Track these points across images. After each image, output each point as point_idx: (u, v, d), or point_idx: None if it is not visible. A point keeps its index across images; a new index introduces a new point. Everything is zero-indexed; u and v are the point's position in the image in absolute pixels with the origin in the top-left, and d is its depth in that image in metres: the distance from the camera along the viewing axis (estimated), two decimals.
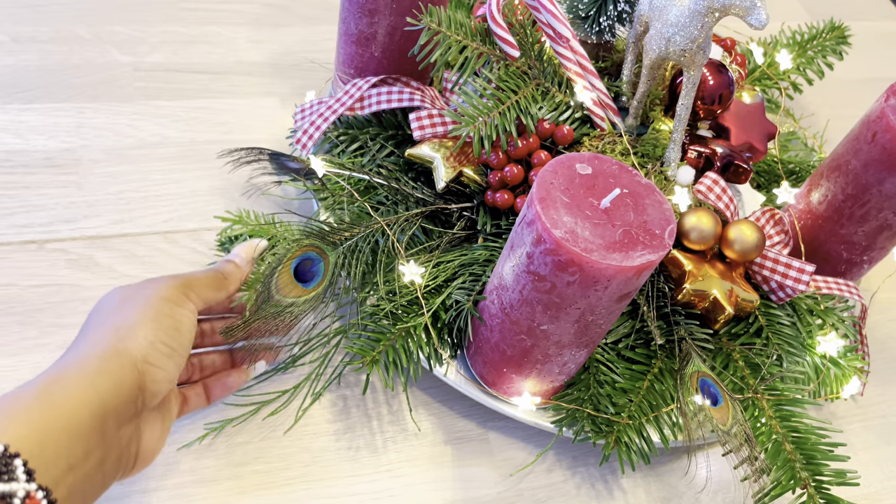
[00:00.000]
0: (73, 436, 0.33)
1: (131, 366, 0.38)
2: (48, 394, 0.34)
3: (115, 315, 0.40)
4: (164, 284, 0.42)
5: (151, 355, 0.39)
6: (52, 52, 0.71)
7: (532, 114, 0.55)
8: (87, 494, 0.35)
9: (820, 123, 0.81)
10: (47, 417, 0.33)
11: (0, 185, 0.60)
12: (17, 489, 0.29)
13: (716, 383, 0.51)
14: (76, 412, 0.34)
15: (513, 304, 0.46)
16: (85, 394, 0.35)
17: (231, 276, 0.47)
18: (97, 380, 0.36)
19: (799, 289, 0.54)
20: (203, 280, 0.45)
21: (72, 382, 0.35)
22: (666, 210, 0.43)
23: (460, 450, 0.54)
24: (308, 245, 0.50)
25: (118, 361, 0.37)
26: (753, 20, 0.45)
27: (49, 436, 0.32)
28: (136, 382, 0.38)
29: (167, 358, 0.40)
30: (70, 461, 0.33)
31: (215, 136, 0.68)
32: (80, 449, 0.34)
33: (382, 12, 0.57)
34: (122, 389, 0.37)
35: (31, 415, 0.32)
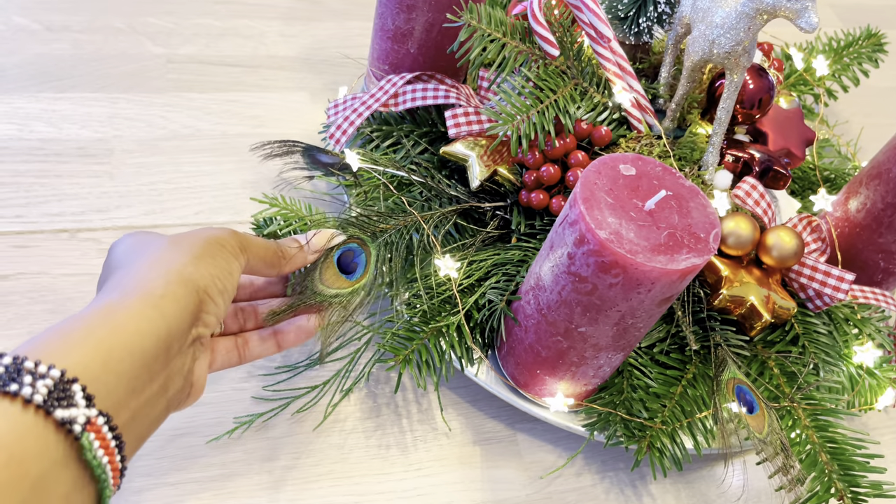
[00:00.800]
0: (138, 359, 0.32)
1: (194, 292, 0.36)
2: (112, 316, 0.32)
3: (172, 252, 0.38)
4: (223, 232, 0.41)
5: (210, 287, 0.38)
6: (86, 41, 0.71)
7: (570, 113, 0.54)
8: (150, 419, 0.34)
9: (853, 131, 0.80)
10: (111, 340, 0.31)
11: (33, 173, 0.60)
12: (77, 415, 0.28)
13: (752, 391, 0.50)
14: (142, 335, 0.33)
15: (550, 304, 0.45)
16: (151, 317, 0.34)
17: (291, 259, 0.45)
18: (162, 303, 0.34)
19: (837, 297, 0.53)
20: (260, 247, 0.43)
21: (137, 306, 0.33)
22: (710, 213, 0.43)
23: (489, 451, 0.54)
24: (349, 237, 0.50)
25: (184, 287, 0.36)
26: (803, 23, 0.44)
27: (112, 359, 0.31)
28: (196, 309, 0.36)
29: (221, 294, 0.38)
30: (133, 385, 0.32)
31: (247, 130, 0.68)
32: (145, 373, 0.33)
33: (420, 8, 0.57)
34: (185, 314, 0.36)
35: (94, 338, 0.31)
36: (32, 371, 0.28)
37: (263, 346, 0.46)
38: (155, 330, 0.33)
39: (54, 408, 0.28)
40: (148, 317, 0.33)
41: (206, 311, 0.37)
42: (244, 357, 0.45)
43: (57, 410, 0.28)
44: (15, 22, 0.71)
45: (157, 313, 0.34)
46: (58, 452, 0.28)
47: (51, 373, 0.28)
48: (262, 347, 0.46)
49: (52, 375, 0.28)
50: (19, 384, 0.27)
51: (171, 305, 0.35)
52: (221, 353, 0.44)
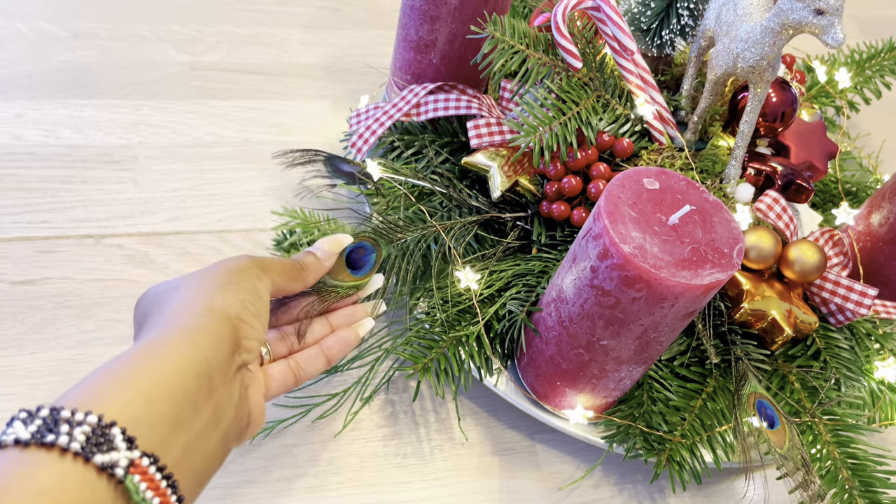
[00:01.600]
0: (179, 395, 0.32)
1: (226, 320, 0.36)
2: (148, 357, 0.33)
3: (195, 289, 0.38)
4: (241, 259, 0.41)
5: (244, 314, 0.38)
6: (112, 48, 0.72)
7: (592, 125, 0.55)
8: (206, 454, 0.34)
9: (875, 144, 0.80)
10: (149, 380, 0.31)
11: (59, 178, 0.61)
12: (118, 458, 0.28)
13: (773, 405, 0.50)
14: (180, 370, 0.33)
15: (572, 317, 0.46)
16: (186, 352, 0.34)
17: (310, 268, 0.45)
18: (196, 336, 0.34)
19: (860, 312, 0.53)
20: (280, 266, 0.43)
21: (172, 343, 0.34)
22: (734, 228, 0.43)
23: (507, 461, 0.54)
24: (363, 234, 0.50)
25: (215, 317, 0.36)
26: (829, 39, 0.44)
27: (151, 399, 0.31)
28: (233, 336, 0.36)
29: (255, 317, 0.38)
30: (178, 421, 0.32)
31: (269, 137, 0.68)
32: (189, 407, 0.32)
33: (444, 19, 0.57)
34: (223, 343, 0.36)
35: (131, 380, 0.31)
36: (69, 420, 0.28)
37: (315, 364, 0.46)
38: (193, 364, 0.33)
39: (93, 453, 0.28)
40: (183, 352, 0.33)
41: (243, 336, 0.37)
42: (300, 378, 0.45)
43: (96, 456, 0.28)
44: (42, 29, 0.72)
45: (193, 347, 0.34)
46: (105, 498, 0.28)
47: (87, 419, 0.28)
48: (314, 365, 0.46)
49: (89, 422, 0.28)
50: (56, 434, 0.27)
51: (205, 337, 0.35)
52: (276, 378, 0.44)
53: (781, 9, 0.46)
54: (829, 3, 0.44)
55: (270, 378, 0.44)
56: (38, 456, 0.27)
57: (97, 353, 0.53)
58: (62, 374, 0.51)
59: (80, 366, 0.52)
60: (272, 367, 0.44)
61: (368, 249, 0.50)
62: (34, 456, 0.27)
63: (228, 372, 0.36)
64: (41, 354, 0.52)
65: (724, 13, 0.52)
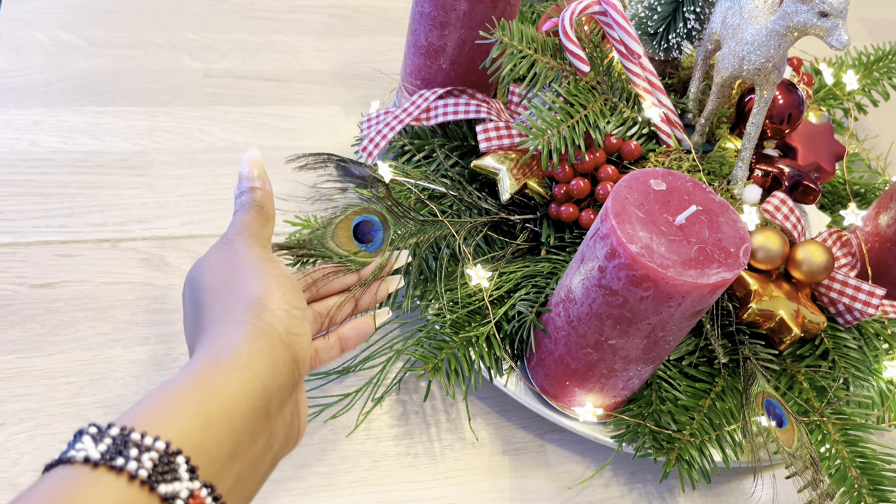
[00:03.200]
0: (237, 423, 0.32)
1: (279, 341, 0.36)
2: (206, 384, 0.32)
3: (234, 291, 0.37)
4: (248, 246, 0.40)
5: (293, 325, 0.37)
6: (127, 56, 0.73)
7: (600, 128, 0.55)
8: (256, 480, 0.34)
9: (883, 145, 0.80)
10: (208, 408, 0.31)
11: (77, 184, 0.63)
12: (179, 489, 0.28)
13: (781, 405, 0.50)
14: (237, 398, 0.32)
15: (581, 317, 0.46)
16: (244, 379, 0.33)
17: (266, 202, 0.43)
18: (252, 362, 0.34)
19: (868, 312, 0.53)
20: (255, 221, 0.42)
21: (228, 369, 0.33)
22: (740, 228, 0.43)
23: (518, 460, 0.54)
24: (372, 209, 0.50)
25: (267, 340, 0.35)
26: (834, 41, 0.45)
27: (211, 425, 0.31)
28: (289, 357, 0.36)
29: (303, 321, 0.38)
30: (235, 450, 0.31)
31: (281, 142, 0.69)
32: (246, 436, 0.32)
33: (453, 25, 0.58)
34: (279, 367, 0.35)
35: (191, 407, 0.31)
36: (139, 443, 0.28)
37: (330, 353, 0.46)
38: (250, 391, 0.33)
39: (158, 482, 0.28)
40: (241, 378, 0.33)
41: (299, 349, 0.37)
42: (315, 366, 0.46)
43: (161, 486, 0.28)
44: (59, 37, 0.73)
45: (250, 373, 0.33)
46: None
47: (156, 445, 0.28)
48: (329, 354, 0.46)
49: (157, 448, 0.28)
50: (125, 458, 0.27)
51: (261, 364, 0.34)
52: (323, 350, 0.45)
53: (786, 11, 0.46)
54: (833, 5, 0.44)
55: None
56: (106, 479, 0.27)
57: (114, 355, 0.54)
58: (80, 374, 0.53)
59: (98, 366, 0.53)
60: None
61: (376, 225, 0.50)
62: (103, 478, 0.27)
63: (287, 395, 0.36)
64: (60, 356, 0.53)
65: (730, 16, 0.53)
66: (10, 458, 0.48)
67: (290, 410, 0.37)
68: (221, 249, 0.40)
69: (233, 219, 0.42)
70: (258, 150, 0.45)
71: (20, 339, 0.53)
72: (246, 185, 0.43)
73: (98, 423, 0.29)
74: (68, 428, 0.50)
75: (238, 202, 0.43)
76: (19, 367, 0.52)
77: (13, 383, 0.51)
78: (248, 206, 0.42)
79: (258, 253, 0.39)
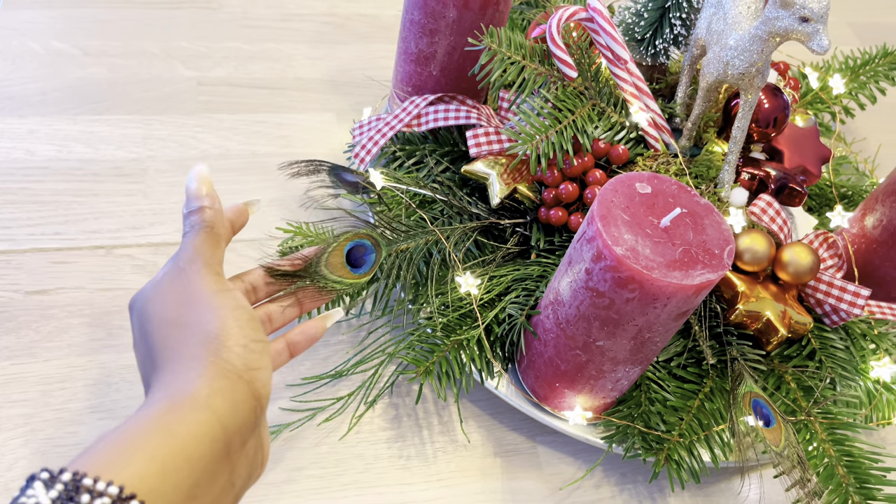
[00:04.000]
0: (196, 465, 0.32)
1: (239, 379, 0.35)
2: (164, 426, 0.32)
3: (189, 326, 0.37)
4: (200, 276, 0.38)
5: (252, 360, 0.36)
6: (122, 65, 0.74)
7: (588, 133, 0.56)
8: None
9: (871, 148, 0.81)
10: (165, 451, 0.31)
11: (72, 192, 0.63)
12: None
13: (768, 404, 0.51)
14: (196, 440, 0.32)
15: (569, 319, 0.47)
16: (204, 421, 0.33)
17: (216, 222, 0.41)
18: (212, 403, 0.34)
19: (854, 312, 0.54)
20: (207, 246, 0.40)
21: (187, 411, 0.33)
22: (724, 230, 0.44)
23: (509, 462, 0.55)
24: (364, 234, 0.51)
25: (227, 379, 0.35)
26: (815, 45, 0.46)
27: (168, 469, 0.30)
28: (250, 394, 0.36)
29: (262, 354, 0.37)
30: (194, 492, 0.31)
31: (274, 149, 0.70)
32: (205, 476, 0.32)
33: (443, 32, 0.59)
34: (239, 406, 0.35)
35: (148, 451, 0.31)
36: (91, 489, 0.28)
37: (280, 359, 0.46)
38: (209, 432, 0.33)
39: None
40: (200, 420, 0.33)
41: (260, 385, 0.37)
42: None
43: None
44: (54, 47, 0.74)
45: (210, 414, 0.33)
46: None
47: (109, 490, 0.28)
48: (278, 360, 0.46)
49: (110, 493, 0.28)
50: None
51: (221, 404, 0.34)
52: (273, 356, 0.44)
53: (768, 17, 0.47)
54: (814, 10, 0.45)
55: None
56: None
57: (109, 360, 0.54)
58: (74, 380, 0.53)
59: (92, 372, 0.54)
60: None
61: (368, 248, 0.51)
62: None
63: (249, 432, 0.36)
64: (54, 361, 0.54)
65: (715, 22, 0.54)
66: (5, 462, 0.49)
67: (253, 445, 0.37)
68: (173, 280, 0.39)
69: (182, 242, 0.40)
70: (206, 165, 0.43)
71: (15, 346, 0.54)
72: (194, 203, 0.41)
73: (50, 469, 0.28)
74: (63, 433, 0.51)
75: (187, 223, 0.41)
76: (14, 372, 0.53)
77: (8, 389, 0.52)
78: (199, 229, 0.40)
79: (212, 283, 0.38)
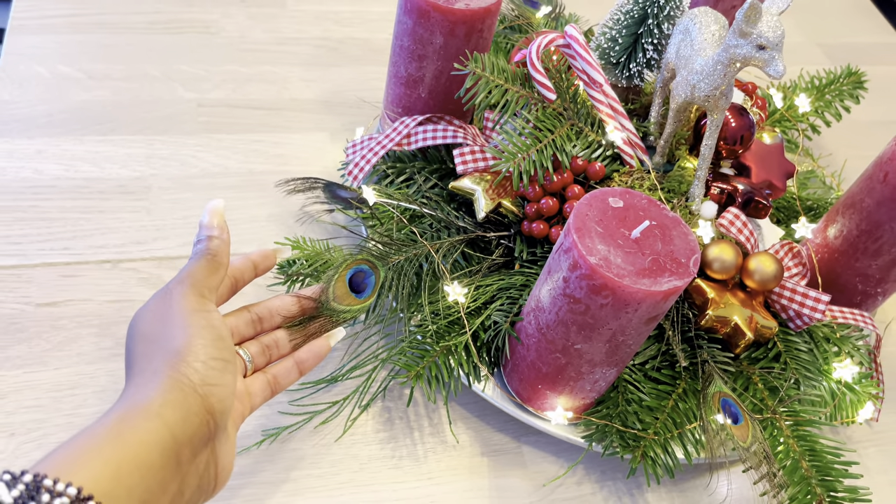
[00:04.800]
0: (146, 471, 0.33)
1: (193, 392, 0.38)
2: (117, 433, 0.34)
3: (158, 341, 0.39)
4: (182, 296, 0.41)
5: (210, 376, 0.39)
6: (125, 88, 0.77)
7: (567, 151, 0.60)
8: None
9: (838, 163, 0.85)
10: (119, 455, 0.33)
11: (79, 209, 0.66)
12: None
13: (736, 403, 0.55)
14: (147, 447, 0.34)
15: (549, 324, 0.50)
16: (154, 428, 0.35)
17: (220, 252, 0.45)
18: (163, 412, 0.36)
19: (815, 317, 0.58)
20: (203, 271, 0.43)
21: (139, 419, 0.35)
22: (691, 241, 0.48)
23: (496, 461, 0.58)
24: (361, 259, 0.55)
25: (180, 392, 0.37)
26: (772, 71, 0.50)
27: (121, 473, 0.32)
28: (202, 407, 0.38)
29: (223, 373, 0.40)
30: (145, 497, 0.33)
31: (271, 167, 0.74)
32: (155, 483, 0.34)
33: (430, 58, 0.63)
34: (191, 418, 0.37)
35: (103, 455, 0.32)
36: (51, 489, 0.29)
37: (289, 377, 0.50)
38: (160, 441, 0.35)
39: None
40: (150, 428, 0.35)
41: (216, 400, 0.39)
42: (275, 391, 0.49)
43: None
44: (60, 71, 0.77)
45: (160, 423, 0.35)
46: None
47: (68, 491, 0.30)
48: (289, 378, 0.50)
49: (69, 494, 0.30)
50: (37, 503, 0.29)
51: (171, 415, 0.36)
52: (258, 394, 0.48)
53: (728, 45, 0.51)
54: (769, 39, 0.49)
55: (253, 396, 0.47)
56: None
57: (116, 368, 0.57)
58: (84, 387, 0.56)
59: (101, 379, 0.57)
60: (253, 384, 0.47)
61: (367, 273, 0.55)
62: None
63: (199, 442, 0.37)
64: (64, 370, 0.57)
65: (683, 48, 0.58)
66: (19, 465, 0.52)
67: (205, 459, 0.38)
68: (160, 299, 0.42)
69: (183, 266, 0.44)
70: (222, 201, 0.46)
71: (27, 355, 0.57)
72: (204, 233, 0.45)
73: (12, 471, 0.30)
74: None
75: (194, 250, 0.44)
76: (27, 380, 0.56)
77: (21, 396, 0.55)
78: (201, 255, 0.44)
79: (192, 303, 0.41)
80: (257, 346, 0.49)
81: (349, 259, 0.55)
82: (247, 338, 0.49)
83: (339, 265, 0.54)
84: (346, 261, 0.54)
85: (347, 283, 0.53)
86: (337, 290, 0.52)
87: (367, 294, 0.54)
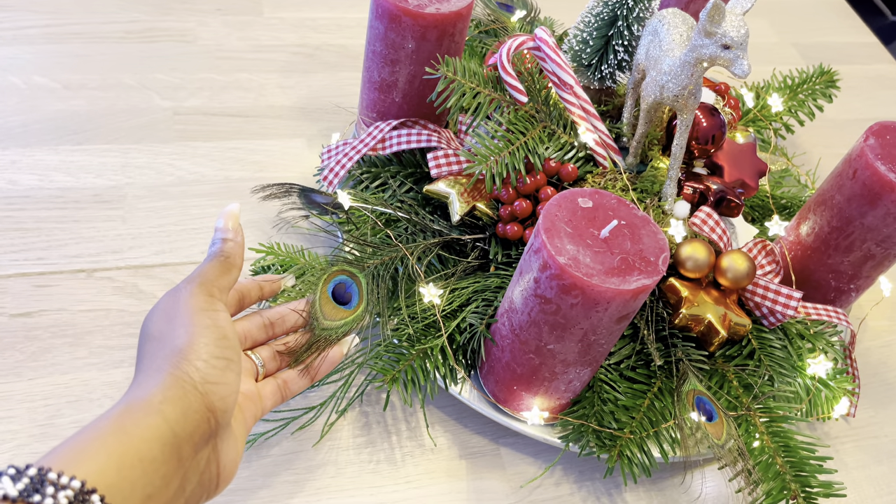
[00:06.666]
0: (148, 465, 0.34)
1: (193, 390, 0.38)
2: (121, 426, 0.34)
3: (163, 340, 0.40)
4: (190, 295, 0.42)
5: (211, 375, 0.39)
6: (100, 97, 0.77)
7: (539, 153, 0.60)
8: None
9: (812, 161, 0.86)
10: (121, 449, 0.33)
11: (54, 218, 0.66)
12: None
13: (711, 401, 0.55)
14: (148, 442, 0.34)
15: (522, 325, 0.51)
16: (155, 424, 0.35)
17: (233, 254, 0.46)
18: (163, 408, 0.36)
19: (787, 314, 0.58)
20: (214, 271, 0.44)
21: (140, 414, 0.35)
22: (660, 239, 0.48)
23: (474, 464, 0.58)
24: (337, 270, 0.55)
25: (181, 389, 0.38)
26: (737, 70, 0.50)
27: (124, 467, 0.33)
28: (203, 405, 0.38)
29: (225, 371, 0.40)
30: (148, 490, 0.34)
31: (248, 174, 0.74)
32: (158, 477, 0.34)
33: (403, 62, 0.63)
34: (190, 415, 0.37)
35: (106, 448, 0.33)
36: (55, 482, 0.30)
37: (301, 382, 0.50)
38: (160, 436, 0.35)
39: None
40: (151, 424, 0.35)
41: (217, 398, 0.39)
42: (286, 397, 0.50)
43: None
44: (35, 81, 0.77)
45: (160, 419, 0.36)
46: None
47: (72, 483, 0.30)
48: (300, 384, 0.50)
49: (73, 486, 0.30)
50: (42, 495, 0.29)
51: (172, 411, 0.36)
52: (268, 398, 0.48)
53: (694, 45, 0.52)
54: (734, 38, 0.50)
55: (265, 399, 0.48)
56: None
57: (91, 378, 0.57)
58: (59, 397, 0.56)
59: (76, 389, 0.56)
60: (265, 388, 0.48)
61: (348, 283, 0.55)
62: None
63: (200, 439, 0.38)
64: (39, 380, 0.57)
65: (652, 49, 0.58)
66: None
67: (206, 456, 0.39)
68: (169, 298, 0.43)
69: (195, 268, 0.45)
70: (237, 205, 0.48)
71: (1, 366, 0.57)
72: (218, 236, 0.46)
73: (17, 465, 0.31)
74: (48, 447, 0.53)
75: (209, 252, 0.46)
76: (1, 391, 0.55)
77: None
78: (214, 256, 0.45)
79: (199, 302, 0.42)
80: (269, 351, 0.50)
81: (324, 274, 0.55)
82: (259, 342, 0.51)
83: (317, 283, 0.54)
84: (322, 276, 0.54)
85: (331, 298, 0.54)
86: (325, 309, 0.52)
87: (355, 303, 0.54)
